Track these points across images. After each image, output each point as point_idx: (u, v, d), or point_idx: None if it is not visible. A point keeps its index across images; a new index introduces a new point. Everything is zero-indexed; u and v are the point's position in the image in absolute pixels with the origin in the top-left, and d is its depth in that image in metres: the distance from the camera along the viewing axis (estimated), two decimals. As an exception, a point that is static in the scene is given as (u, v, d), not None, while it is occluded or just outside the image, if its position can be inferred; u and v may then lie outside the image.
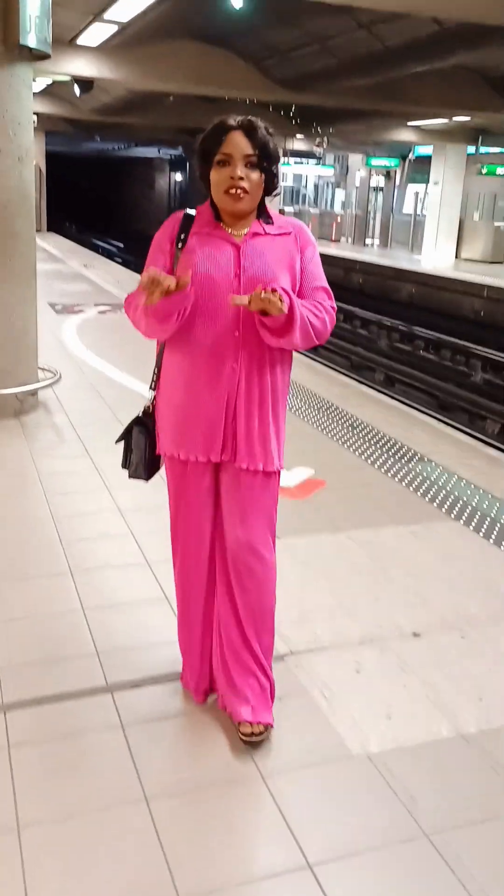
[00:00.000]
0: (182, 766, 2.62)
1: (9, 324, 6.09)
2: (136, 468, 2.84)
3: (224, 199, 2.52)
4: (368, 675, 3.11)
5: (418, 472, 5.35)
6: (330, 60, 13.68)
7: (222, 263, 2.54)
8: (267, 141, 2.51)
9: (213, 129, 2.51)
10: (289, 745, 2.71)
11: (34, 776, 2.54)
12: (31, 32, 5.68)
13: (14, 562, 3.95)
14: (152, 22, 12.26)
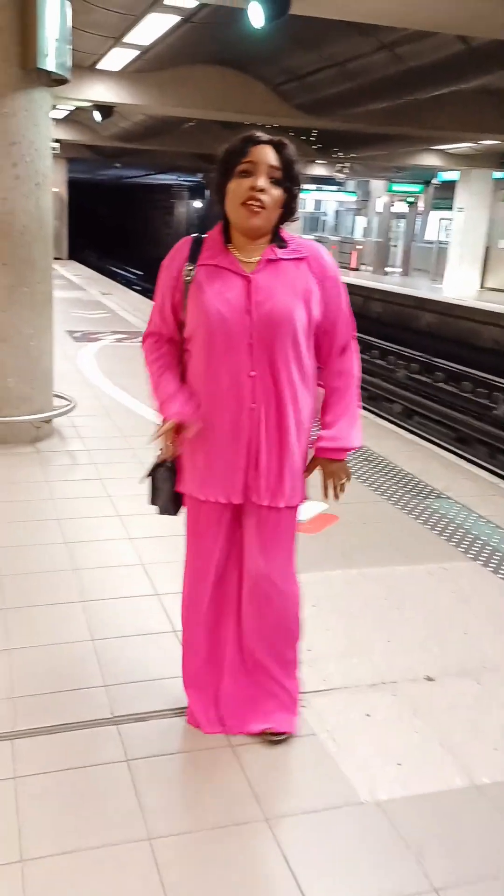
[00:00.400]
0: (186, 804, 2.58)
1: (25, 351, 6.10)
2: (164, 506, 2.81)
3: (239, 211, 2.43)
4: (379, 719, 3.04)
5: (435, 509, 5.28)
6: (350, 84, 13.63)
7: (233, 300, 2.46)
8: (293, 160, 2.47)
9: (241, 141, 2.45)
10: (295, 789, 2.66)
11: (39, 808, 2.51)
12: (49, 56, 5.66)
13: (25, 589, 3.92)
14: (172, 46, 12.35)
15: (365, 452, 6.45)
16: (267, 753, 2.81)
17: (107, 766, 2.70)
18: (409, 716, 3.06)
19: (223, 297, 2.46)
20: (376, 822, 2.51)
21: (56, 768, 2.68)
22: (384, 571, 4.30)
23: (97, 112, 15.95)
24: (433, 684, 3.28)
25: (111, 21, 10.92)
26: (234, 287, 2.47)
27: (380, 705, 3.11)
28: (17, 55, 5.66)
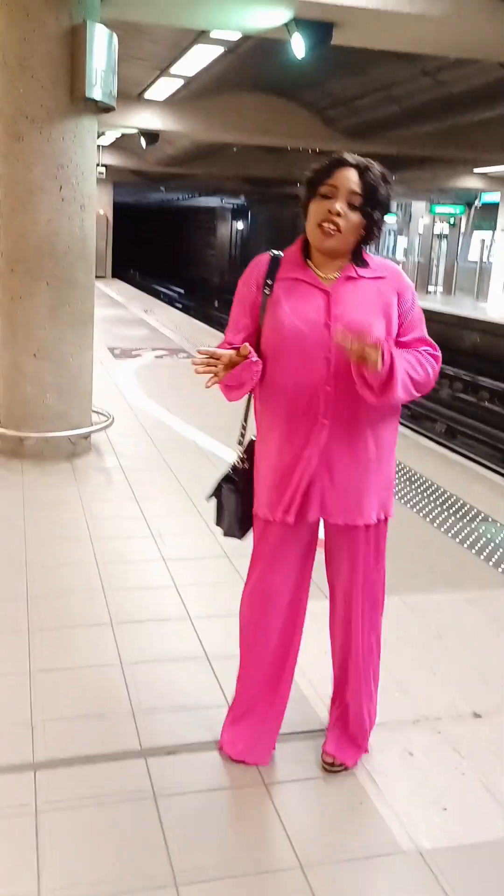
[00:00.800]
0: (215, 847, 2.42)
1: (65, 368, 6.11)
2: (229, 526, 2.75)
3: (315, 232, 2.40)
4: (422, 759, 2.86)
5: (480, 533, 5.09)
6: (394, 108, 13.66)
7: (311, 313, 2.42)
8: (377, 185, 2.40)
9: (329, 162, 2.41)
10: (331, 835, 2.49)
11: (60, 844, 2.38)
12: (96, 86, 5.82)
13: (55, 609, 3.84)
14: (216, 75, 12.46)
15: (407, 472, 6.28)
16: (302, 793, 2.66)
17: (133, 802, 2.57)
18: (454, 756, 2.88)
19: (301, 311, 2.43)
20: (418, 873, 2.34)
21: (79, 802, 2.55)
22: (425, 599, 4.12)
23: (143, 138, 16.07)
24: (480, 723, 3.09)
25: (158, 52, 11.06)
26: (313, 300, 2.44)
27: (422, 743, 2.94)
28: (66, 84, 5.80)
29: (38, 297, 5.96)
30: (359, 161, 2.40)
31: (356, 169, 2.38)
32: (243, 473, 2.68)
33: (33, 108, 5.74)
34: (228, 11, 6.38)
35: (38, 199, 5.84)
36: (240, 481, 2.68)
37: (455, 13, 6.23)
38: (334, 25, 6.57)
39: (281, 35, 6.81)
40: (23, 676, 3.24)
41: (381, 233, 2.48)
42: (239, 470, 2.69)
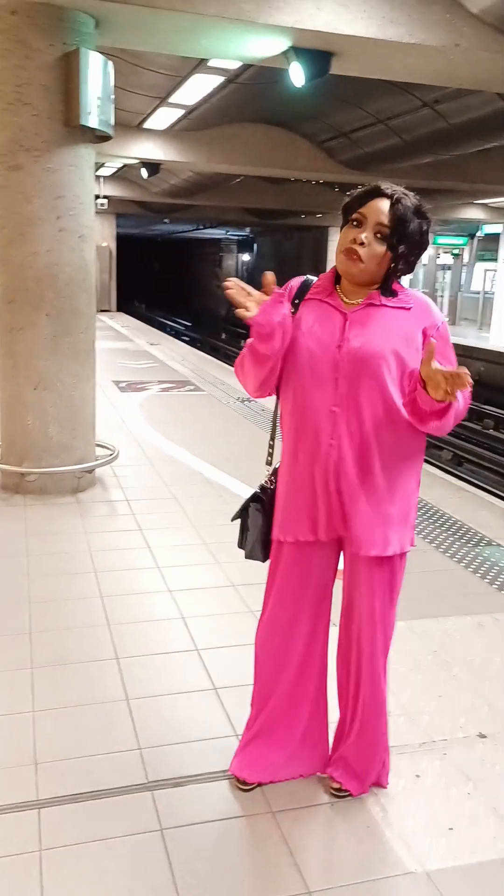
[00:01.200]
0: (223, 877, 2.40)
1: (67, 400, 6.09)
2: (251, 548, 2.72)
3: (340, 258, 2.43)
4: (429, 782, 2.86)
5: (486, 558, 5.09)
6: (394, 140, 13.76)
7: (325, 335, 2.44)
8: (407, 217, 2.38)
9: (364, 191, 2.43)
10: (340, 859, 2.48)
11: (66, 884, 2.36)
12: (92, 114, 5.80)
13: (56, 645, 3.81)
14: (217, 105, 12.54)
15: (412, 501, 6.28)
16: (309, 819, 2.65)
17: (139, 836, 2.55)
18: (461, 779, 2.87)
19: (315, 332, 2.45)
20: (427, 895, 2.33)
21: (85, 839, 2.53)
22: (432, 624, 4.12)
23: (144, 169, 16.20)
24: (486, 745, 3.09)
25: (157, 82, 11.13)
26: (330, 321, 2.45)
27: (429, 766, 2.93)
28: (62, 113, 5.79)
29: (38, 327, 5.94)
30: (394, 191, 2.40)
31: (388, 199, 2.38)
32: (272, 494, 2.67)
33: (30, 137, 5.73)
34: (226, 40, 6.42)
35: (37, 230, 5.84)
36: (267, 502, 2.67)
37: (453, 44, 6.30)
38: (333, 55, 6.65)
39: (280, 64, 6.86)
40: (26, 714, 3.22)
41: (410, 267, 2.46)
42: (267, 490, 2.68)
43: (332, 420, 2.43)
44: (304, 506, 2.52)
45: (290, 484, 2.56)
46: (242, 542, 2.74)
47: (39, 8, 5.62)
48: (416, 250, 2.44)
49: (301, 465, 2.51)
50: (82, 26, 5.87)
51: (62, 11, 5.70)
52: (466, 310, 30.21)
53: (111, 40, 6.51)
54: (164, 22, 6.01)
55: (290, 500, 2.56)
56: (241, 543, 2.75)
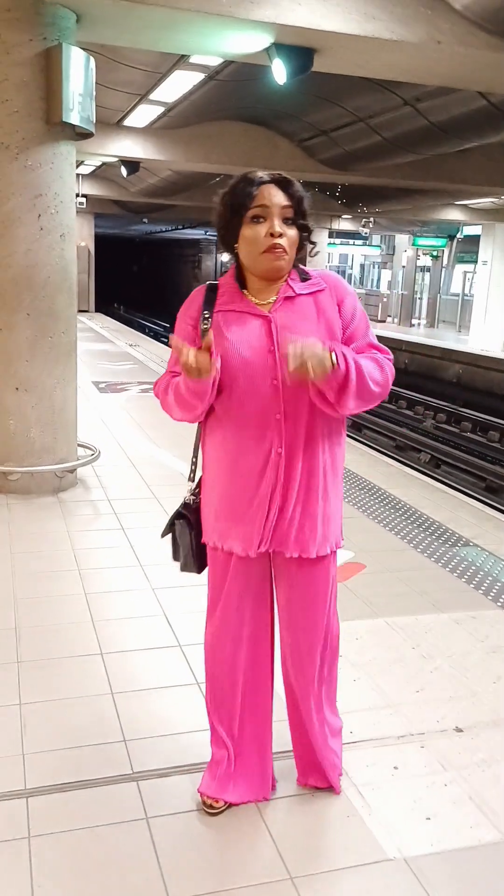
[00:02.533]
0: (209, 864, 2.46)
1: (48, 401, 6.09)
2: (185, 562, 2.68)
3: (261, 259, 2.33)
4: (408, 772, 2.92)
5: (463, 557, 5.17)
6: (374, 138, 13.78)
7: (254, 341, 2.35)
8: (302, 195, 2.34)
9: (243, 182, 2.33)
10: (322, 846, 2.54)
11: (55, 870, 2.41)
12: (73, 110, 5.74)
13: (42, 642, 3.85)
14: (197, 103, 12.52)
15: (392, 500, 6.36)
16: (291, 809, 2.70)
17: (126, 825, 2.60)
18: (438, 769, 2.94)
19: (243, 340, 2.35)
20: (405, 880, 2.40)
21: (73, 827, 2.58)
22: (412, 620, 4.19)
23: (124, 167, 16.17)
24: (463, 737, 3.16)
25: (137, 79, 11.10)
26: (254, 329, 2.36)
27: (408, 758, 3.00)
28: (42, 109, 5.72)
29: (18, 329, 5.90)
30: (274, 175, 2.33)
31: (276, 184, 2.32)
32: (195, 509, 2.62)
33: (8, 134, 5.66)
34: (205, 35, 6.39)
35: (15, 230, 5.76)
36: (191, 516, 2.61)
37: (434, 40, 6.30)
38: (315, 51, 6.68)
39: (262, 60, 6.84)
40: (13, 708, 3.26)
41: (312, 243, 2.44)
42: (191, 506, 2.62)
43: (277, 429, 2.37)
44: (252, 517, 2.43)
45: (231, 495, 2.45)
46: (176, 556, 2.70)
47: (18, 2, 5.56)
48: (311, 222, 2.40)
49: (243, 477, 2.42)
50: (63, 21, 5.80)
51: (42, 6, 5.64)
52: (445, 312, 30.40)
53: (91, 35, 6.46)
54: (144, 16, 5.96)
55: (233, 511, 2.46)
56: (175, 557, 2.70)
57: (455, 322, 28.71)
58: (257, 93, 11.47)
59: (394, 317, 31.54)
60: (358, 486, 6.75)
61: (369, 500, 6.36)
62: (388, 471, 7.50)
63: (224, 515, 2.49)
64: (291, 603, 2.57)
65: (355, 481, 6.92)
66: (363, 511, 6.05)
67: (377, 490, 6.67)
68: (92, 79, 6.02)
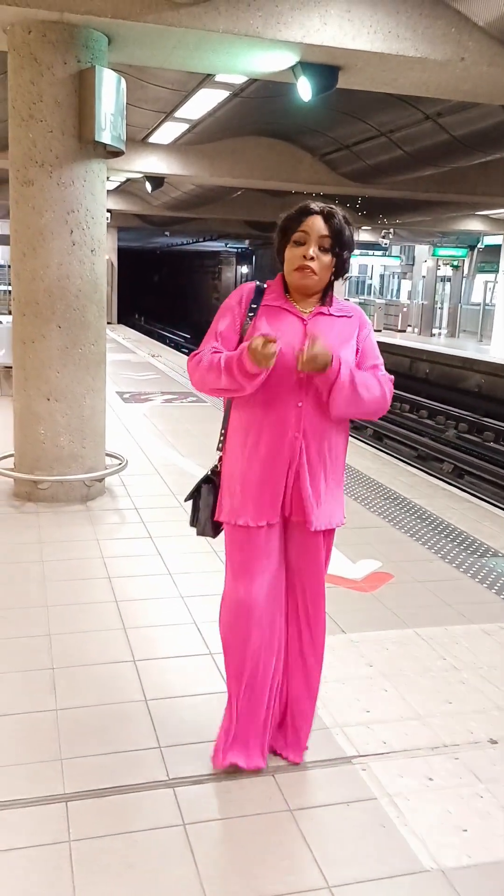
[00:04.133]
0: (245, 871, 2.48)
1: (78, 411, 6.19)
2: (203, 526, 2.97)
3: (294, 275, 2.73)
4: (441, 784, 2.94)
5: (492, 568, 5.18)
6: (396, 152, 13.86)
7: (289, 338, 2.70)
8: (342, 228, 2.72)
9: (297, 211, 2.74)
10: (357, 856, 2.56)
11: (94, 873, 2.45)
12: (105, 130, 5.90)
13: (74, 648, 3.90)
14: (221, 119, 12.63)
15: (417, 511, 6.38)
16: (326, 818, 2.73)
17: (163, 831, 2.64)
18: (472, 781, 2.96)
19: (280, 332, 2.68)
20: (441, 891, 2.42)
21: (111, 832, 2.62)
22: (440, 631, 4.21)
23: (148, 183, 16.31)
24: (497, 749, 3.17)
25: (164, 97, 11.24)
26: (291, 326, 2.75)
27: (441, 770, 3.01)
28: (75, 128, 5.90)
29: (49, 339, 6.04)
30: (323, 208, 2.73)
31: (322, 216, 2.71)
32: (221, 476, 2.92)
33: (43, 153, 5.85)
34: (234, 55, 6.50)
35: (49, 244, 5.94)
36: (217, 480, 2.92)
37: (458, 57, 6.39)
38: (340, 69, 6.75)
39: (287, 78, 6.94)
40: (49, 713, 3.32)
41: (348, 268, 2.85)
42: (218, 472, 2.92)
43: (298, 414, 2.73)
44: (269, 492, 2.77)
45: (250, 473, 2.78)
46: (194, 521, 3.00)
47: (53, 26, 5.74)
48: (349, 252, 2.79)
49: (265, 456, 2.76)
50: (95, 43, 5.97)
51: (75, 29, 5.81)
52: (466, 322, 30.33)
53: (122, 56, 6.60)
54: (174, 38, 6.11)
55: (250, 488, 2.79)
56: (193, 521, 3.00)
57: (476, 332, 28.65)
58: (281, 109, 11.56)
59: (414, 326, 31.49)
60: (382, 496, 6.77)
61: (394, 510, 6.39)
62: (411, 480, 7.51)
63: (246, 492, 2.80)
64: (304, 570, 2.91)
65: (379, 490, 6.94)
66: (389, 521, 6.07)
67: (402, 500, 6.70)
68: (123, 99, 6.17)
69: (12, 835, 2.60)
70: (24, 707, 3.36)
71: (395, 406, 18.54)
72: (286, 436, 2.74)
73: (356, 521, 5.96)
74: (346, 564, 5.03)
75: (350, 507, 6.32)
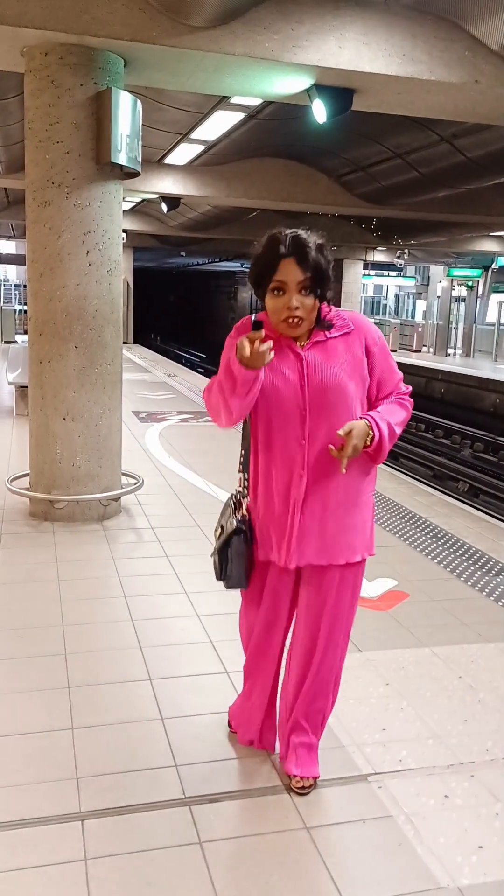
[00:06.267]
0: (261, 890, 2.47)
1: (94, 430, 6.22)
2: (237, 578, 2.87)
3: (281, 326, 2.60)
4: (458, 802, 2.93)
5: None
6: (411, 174, 13.94)
7: (288, 374, 2.64)
8: (319, 263, 2.54)
9: (266, 255, 2.55)
10: (374, 874, 2.55)
11: (111, 892, 2.44)
12: (121, 151, 5.97)
13: (91, 667, 3.91)
14: (237, 140, 12.73)
15: (433, 530, 6.37)
16: (343, 835, 2.73)
17: (180, 849, 2.64)
18: (489, 799, 2.94)
19: (279, 371, 2.64)
20: (459, 911, 2.41)
21: (128, 850, 2.62)
22: (456, 650, 4.20)
23: (164, 203, 16.42)
24: (513, 767, 3.16)
25: (180, 118, 11.34)
26: (288, 360, 2.65)
27: (458, 788, 3.01)
28: (92, 150, 5.97)
29: (66, 359, 6.09)
30: (292, 247, 2.51)
31: (294, 258, 2.51)
32: (250, 523, 2.84)
33: (60, 174, 5.92)
34: (250, 78, 6.57)
35: (67, 264, 6.01)
36: (248, 531, 2.83)
37: (473, 80, 6.44)
38: (354, 91, 6.80)
39: (302, 101, 7.00)
40: (65, 731, 3.32)
41: (332, 297, 2.70)
42: (246, 520, 2.84)
43: (301, 452, 2.66)
44: (278, 531, 2.75)
45: (264, 509, 2.78)
46: (223, 574, 2.87)
47: (71, 48, 5.83)
48: (331, 282, 2.64)
49: (274, 493, 2.74)
50: (112, 66, 6.05)
51: (93, 52, 5.90)
52: (481, 342, 30.30)
53: (139, 79, 6.69)
54: (191, 61, 6.19)
55: (265, 524, 2.78)
56: (221, 575, 2.88)
57: (491, 351, 28.63)
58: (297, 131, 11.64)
59: (429, 346, 31.50)
60: (398, 515, 6.76)
61: (410, 529, 6.38)
62: (428, 500, 7.50)
63: (261, 528, 2.80)
64: (315, 608, 2.84)
65: (395, 510, 6.94)
66: (405, 540, 6.07)
67: (418, 519, 6.69)
68: (139, 121, 6.24)
69: (29, 853, 2.61)
70: (40, 726, 3.37)
71: (412, 425, 18.54)
72: (292, 473, 2.69)
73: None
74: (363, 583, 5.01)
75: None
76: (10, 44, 5.91)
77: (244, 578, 2.87)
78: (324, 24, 6.11)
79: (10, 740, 3.27)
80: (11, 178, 14.49)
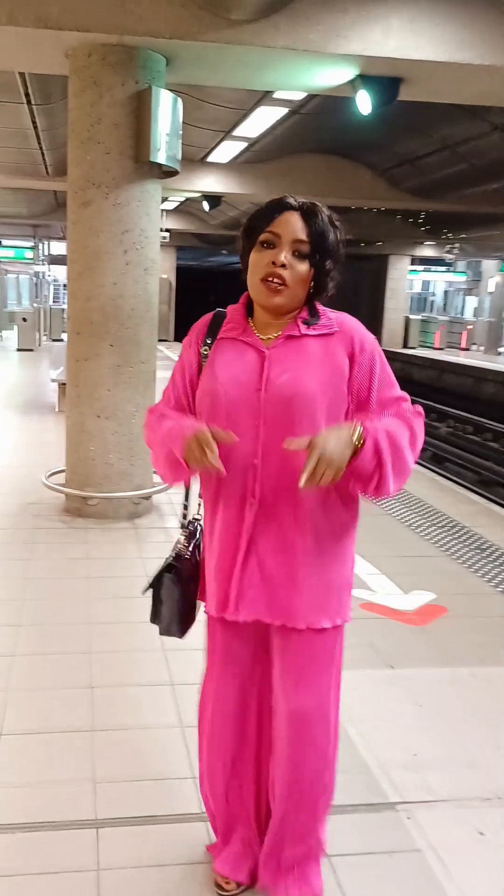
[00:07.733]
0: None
1: (127, 428, 6.21)
2: (167, 624, 2.40)
3: (259, 288, 2.10)
4: (494, 839, 2.74)
5: (553, 603, 4.96)
6: (461, 166, 13.68)
7: (242, 375, 2.12)
8: (325, 231, 2.10)
9: (267, 206, 2.13)
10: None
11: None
12: (160, 150, 5.94)
13: (113, 667, 3.88)
14: (279, 136, 12.65)
15: (476, 540, 6.16)
16: (365, 868, 2.57)
17: (195, 866, 2.54)
18: (526, 836, 2.76)
19: (231, 374, 2.13)
20: None
21: (141, 863, 2.55)
22: (496, 672, 4.00)
23: (206, 202, 16.38)
24: (553, 801, 2.97)
25: (222, 116, 11.29)
26: (247, 362, 2.14)
27: (494, 823, 2.82)
28: (132, 149, 5.94)
29: (102, 358, 6.10)
30: (302, 203, 2.11)
31: (300, 212, 2.09)
32: (188, 561, 2.36)
33: (100, 174, 5.91)
34: (293, 71, 6.46)
35: (104, 263, 6.00)
36: (183, 569, 2.35)
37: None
38: (401, 81, 6.62)
39: (345, 92, 6.85)
40: (85, 733, 3.28)
41: (333, 285, 2.18)
42: (182, 558, 2.36)
43: (253, 473, 2.12)
44: (225, 575, 2.18)
45: (214, 550, 2.23)
46: (156, 617, 2.41)
47: (113, 48, 5.81)
48: (336, 265, 2.15)
49: (224, 527, 2.19)
50: (154, 65, 6.01)
51: (134, 51, 5.87)
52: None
53: (181, 77, 6.62)
54: (232, 56, 6.09)
55: (215, 569, 2.22)
56: (155, 618, 2.41)
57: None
58: (340, 124, 11.48)
59: (479, 345, 30.96)
60: (437, 524, 6.56)
61: (450, 538, 6.17)
62: (472, 508, 7.28)
63: (213, 574, 2.24)
64: (283, 679, 2.24)
65: (435, 518, 6.73)
66: (445, 550, 5.87)
67: (460, 528, 6.48)
68: (179, 119, 6.20)
69: (41, 857, 2.56)
70: (61, 725, 3.36)
71: (458, 428, 18.24)
72: (244, 501, 2.13)
73: (408, 550, 5.82)
74: (397, 595, 4.86)
75: (402, 535, 6.17)
76: (54, 47, 5.94)
77: (176, 627, 2.38)
78: (368, 12, 5.92)
79: (31, 738, 3.26)
80: (59, 181, 14.59)
